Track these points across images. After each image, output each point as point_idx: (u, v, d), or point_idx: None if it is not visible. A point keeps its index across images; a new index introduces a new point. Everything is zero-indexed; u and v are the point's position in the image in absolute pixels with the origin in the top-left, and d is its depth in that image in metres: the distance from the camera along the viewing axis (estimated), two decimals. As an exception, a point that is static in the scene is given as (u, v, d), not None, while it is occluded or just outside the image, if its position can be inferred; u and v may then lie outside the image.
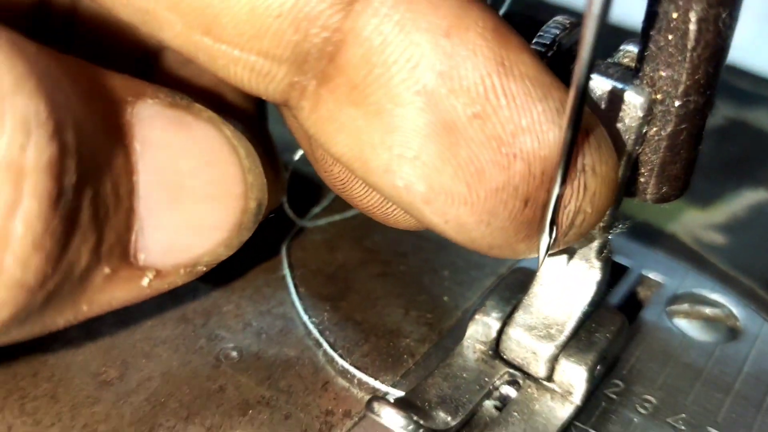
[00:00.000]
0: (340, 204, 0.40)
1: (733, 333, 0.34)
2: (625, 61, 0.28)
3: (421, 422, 0.27)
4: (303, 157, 0.33)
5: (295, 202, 0.39)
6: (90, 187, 0.22)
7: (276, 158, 0.36)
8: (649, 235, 0.39)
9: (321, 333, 0.33)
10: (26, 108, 0.19)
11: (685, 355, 0.33)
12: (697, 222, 0.40)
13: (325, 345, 0.32)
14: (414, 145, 0.22)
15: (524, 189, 0.23)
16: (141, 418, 0.29)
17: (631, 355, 0.32)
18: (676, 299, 0.35)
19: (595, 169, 0.25)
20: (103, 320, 0.33)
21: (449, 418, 0.28)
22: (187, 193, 0.25)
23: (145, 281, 0.25)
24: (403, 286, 0.35)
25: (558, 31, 0.29)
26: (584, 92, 0.22)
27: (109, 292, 0.25)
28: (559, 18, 0.29)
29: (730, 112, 0.48)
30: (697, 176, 0.44)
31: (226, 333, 0.33)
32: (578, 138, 0.24)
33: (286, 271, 0.36)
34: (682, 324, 0.34)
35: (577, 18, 0.29)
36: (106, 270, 0.24)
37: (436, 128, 0.22)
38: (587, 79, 0.22)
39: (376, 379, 0.31)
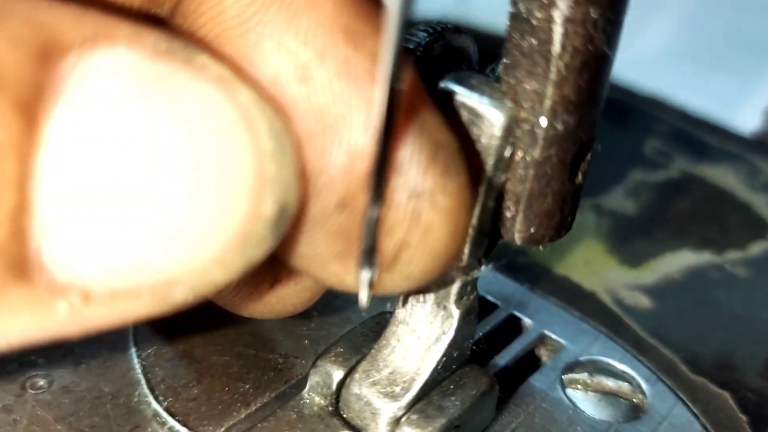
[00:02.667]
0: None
1: (635, 411, 0.29)
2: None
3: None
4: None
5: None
6: None
7: None
8: (562, 290, 0.34)
9: (147, 368, 0.28)
10: None
11: (570, 432, 0.27)
12: (622, 281, 0.35)
13: (143, 383, 0.27)
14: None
15: (341, 187, 0.19)
16: None
17: (505, 426, 0.27)
18: (575, 366, 0.30)
19: (435, 198, 0.20)
20: None
21: (256, 485, 0.24)
22: (148, 183, 0.17)
23: (62, 307, 0.17)
24: (260, 322, 0.31)
25: (426, 36, 0.24)
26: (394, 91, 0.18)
27: None
28: (431, 23, 0.25)
29: (687, 165, 0.43)
30: (633, 231, 0.39)
31: (42, 359, 0.28)
32: (418, 152, 0.20)
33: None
34: (577, 396, 0.29)
35: (454, 25, 0.25)
36: None
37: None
38: (396, 71, 0.18)
39: (192, 430, 0.26)
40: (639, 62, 0.45)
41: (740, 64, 0.53)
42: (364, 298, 0.22)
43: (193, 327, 0.30)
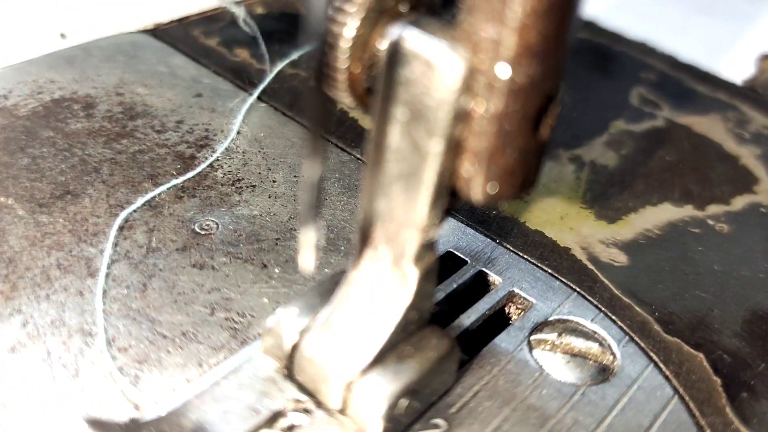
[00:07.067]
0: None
1: (604, 374, 0.28)
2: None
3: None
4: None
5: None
6: None
7: None
8: (535, 246, 0.33)
9: (97, 327, 0.27)
10: None
11: (535, 395, 0.26)
12: (599, 236, 0.34)
13: (102, 338, 0.26)
14: None
15: None
16: None
17: (468, 389, 0.26)
18: (544, 326, 0.29)
19: None
20: None
21: (202, 451, 0.23)
22: None
23: None
24: (220, 279, 0.30)
25: None
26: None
27: None
28: None
29: (673, 113, 0.41)
30: (614, 184, 0.38)
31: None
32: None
33: (108, 246, 0.30)
34: (544, 357, 0.28)
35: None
36: None
37: None
38: None
39: (141, 391, 0.25)
40: (625, 4, 0.43)
41: (732, 8, 0.50)
42: (309, 262, 0.20)
43: (149, 283, 0.29)
